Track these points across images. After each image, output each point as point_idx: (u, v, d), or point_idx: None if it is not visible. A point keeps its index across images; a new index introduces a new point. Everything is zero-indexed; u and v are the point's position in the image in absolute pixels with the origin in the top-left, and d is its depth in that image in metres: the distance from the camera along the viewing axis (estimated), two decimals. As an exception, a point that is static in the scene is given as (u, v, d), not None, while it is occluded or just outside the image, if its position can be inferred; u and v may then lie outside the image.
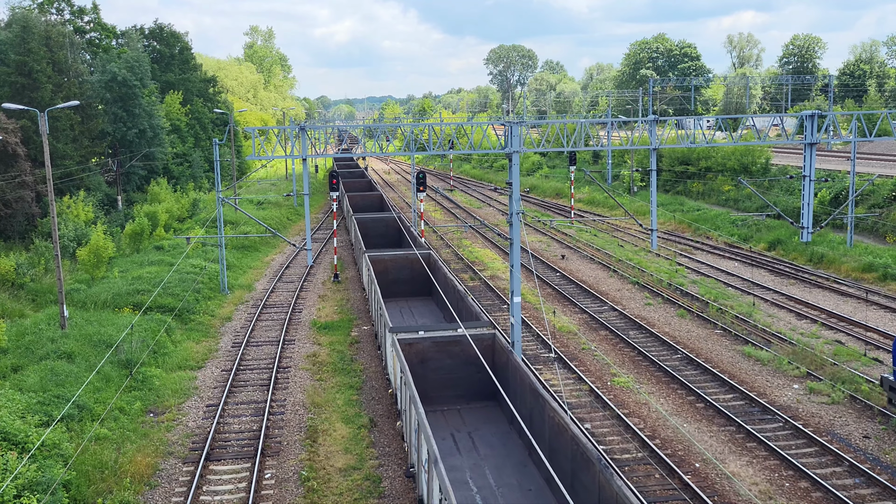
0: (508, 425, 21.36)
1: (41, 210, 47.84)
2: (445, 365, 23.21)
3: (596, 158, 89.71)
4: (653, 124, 40.00)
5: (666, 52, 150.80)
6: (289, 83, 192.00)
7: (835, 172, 55.85)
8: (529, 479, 18.23)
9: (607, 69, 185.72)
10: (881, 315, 33.86)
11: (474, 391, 23.06)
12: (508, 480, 18.22)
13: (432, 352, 23.24)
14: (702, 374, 27.62)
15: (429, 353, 23.22)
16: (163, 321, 32.80)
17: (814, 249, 44.52)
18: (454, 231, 60.94)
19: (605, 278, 43.19)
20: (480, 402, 22.92)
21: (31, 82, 52.47)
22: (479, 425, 21.58)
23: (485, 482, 18.18)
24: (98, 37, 71.76)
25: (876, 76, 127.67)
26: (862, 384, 25.57)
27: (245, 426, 24.21)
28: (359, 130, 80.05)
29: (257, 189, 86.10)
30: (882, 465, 20.63)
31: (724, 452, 21.69)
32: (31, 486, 17.80)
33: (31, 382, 24.03)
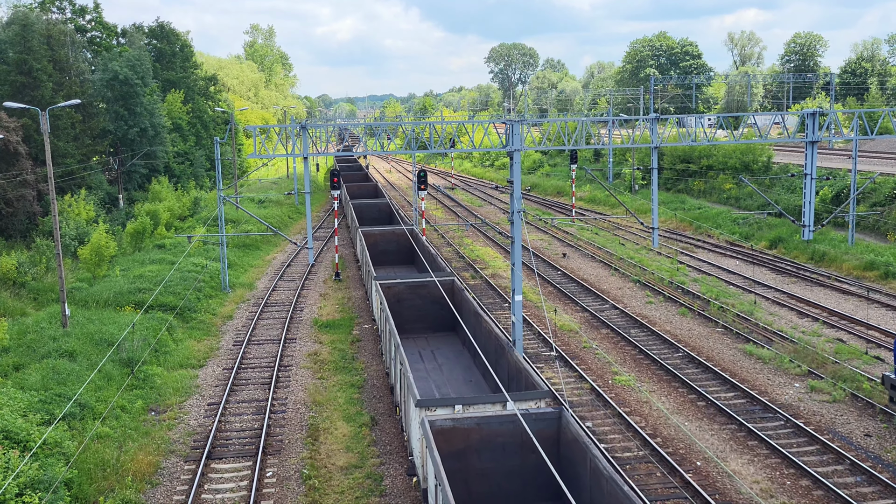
0: (462, 346, 26.93)
1: (42, 209, 47.87)
2: (416, 304, 29.24)
3: (597, 157, 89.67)
4: (654, 122, 39.97)
5: (667, 50, 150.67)
6: (290, 82, 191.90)
7: (836, 170, 55.80)
8: (471, 374, 24.24)
9: (608, 67, 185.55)
10: (883, 313, 33.84)
11: (438, 323, 29.01)
12: (457, 377, 24.06)
13: (406, 293, 29.33)
14: (703, 372, 27.62)
15: (404, 294, 29.34)
16: (164, 320, 32.83)
17: (815, 248, 44.49)
18: (455, 229, 60.94)
19: (607, 277, 43.18)
20: (442, 332, 28.69)
21: (32, 81, 52.51)
22: (440, 346, 27.21)
23: (440, 379, 24.12)
24: (99, 35, 71.74)
25: (878, 74, 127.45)
26: (863, 382, 25.56)
27: (246, 425, 24.23)
28: (360, 129, 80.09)
29: (258, 188, 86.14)
30: (883, 464, 20.63)
31: (726, 451, 21.69)
32: (33, 484, 17.83)
33: (32, 381, 24.06)
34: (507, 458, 16.89)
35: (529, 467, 16.86)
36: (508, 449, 16.91)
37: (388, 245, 42.57)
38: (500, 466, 16.92)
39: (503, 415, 17.11)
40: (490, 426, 16.90)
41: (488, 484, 16.91)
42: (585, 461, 15.63)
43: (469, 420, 16.99)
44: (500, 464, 16.90)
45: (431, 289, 29.74)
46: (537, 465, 16.51)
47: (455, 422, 16.95)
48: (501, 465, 16.91)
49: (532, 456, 16.50)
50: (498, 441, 16.89)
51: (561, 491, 16.26)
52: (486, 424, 16.92)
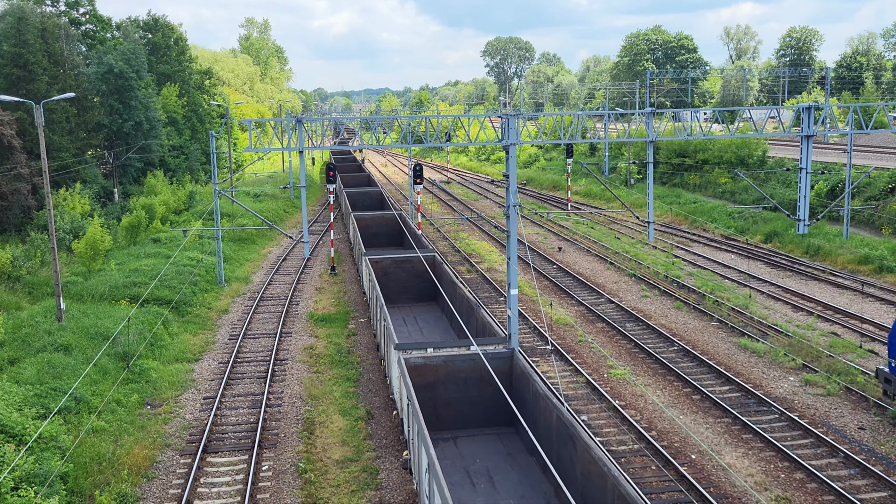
0: (441, 312, 29.99)
1: (37, 202, 47.74)
2: (401, 276, 32.91)
3: (593, 151, 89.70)
4: (650, 116, 40.01)
5: (663, 44, 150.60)
6: (285, 75, 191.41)
7: (831, 165, 55.91)
8: (448, 335, 27.38)
9: (604, 61, 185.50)
10: (877, 307, 33.96)
11: (421, 294, 32.89)
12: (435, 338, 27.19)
13: (392, 267, 32.88)
14: (698, 365, 27.70)
15: (390, 267, 32.81)
16: (160, 314, 32.79)
17: (810, 242, 44.61)
18: (451, 224, 60.94)
19: (602, 270, 43.25)
20: (424, 301, 32.76)
21: (26, 74, 52.28)
22: (422, 313, 30.85)
23: (420, 339, 27.04)
24: (94, 28, 71.45)
25: (873, 68, 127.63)
26: (857, 376, 25.66)
27: (242, 418, 24.24)
28: (356, 123, 79.93)
29: (254, 182, 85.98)
30: (877, 456, 20.73)
31: (720, 444, 21.77)
32: (29, 478, 17.83)
33: (28, 375, 24.03)
34: (469, 389, 20.64)
35: (487, 397, 20.46)
36: (469, 382, 20.58)
37: (378, 228, 45.74)
38: (462, 396, 20.66)
39: (466, 354, 20.72)
40: (455, 363, 20.60)
41: (452, 411, 20.65)
42: (530, 389, 19.19)
43: (437, 358, 20.59)
44: (462, 394, 20.66)
45: (415, 263, 33.00)
46: (493, 394, 20.09)
47: (426, 359, 20.54)
48: (464, 395, 20.66)
49: (489, 388, 20.25)
50: (461, 375, 20.60)
51: (513, 415, 20.01)
52: (452, 362, 20.61)
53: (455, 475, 18.25)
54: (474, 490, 17.49)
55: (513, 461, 18.89)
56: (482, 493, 17.30)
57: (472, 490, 17.47)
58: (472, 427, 20.68)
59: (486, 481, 17.94)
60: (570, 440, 16.39)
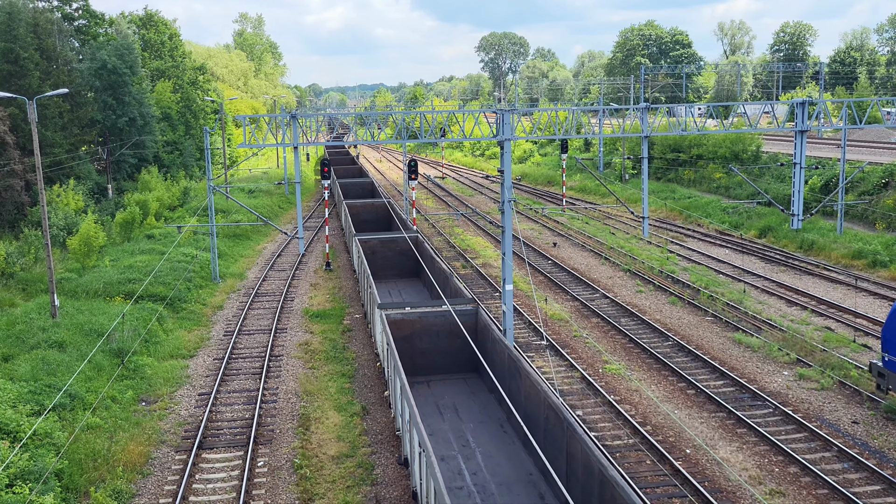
0: (423, 286, 34.78)
1: (31, 199, 47.58)
2: (388, 255, 37.20)
3: (587, 146, 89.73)
4: (644, 112, 40.01)
5: (657, 39, 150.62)
6: (279, 71, 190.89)
7: (825, 160, 56.02)
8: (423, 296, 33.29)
9: (599, 56, 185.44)
10: (870, 301, 34.08)
11: (405, 271, 37.30)
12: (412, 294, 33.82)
13: (379, 246, 37.26)
14: (693, 360, 27.77)
15: (377, 247, 37.28)
16: (154, 310, 32.74)
17: (804, 236, 44.72)
18: (446, 219, 60.93)
19: (597, 266, 43.30)
20: (408, 277, 36.99)
21: (18, 70, 52.04)
22: (406, 287, 34.71)
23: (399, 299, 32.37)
24: (87, 24, 71.15)
25: (866, 64, 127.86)
26: (851, 370, 25.76)
27: (237, 414, 24.24)
28: (350, 118, 79.89)
29: (248, 177, 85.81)
30: (870, 450, 20.82)
31: (715, 438, 21.84)
32: (24, 474, 17.81)
33: (22, 372, 23.98)
34: (440, 340, 24.43)
35: (455, 347, 24.04)
36: (441, 334, 24.44)
37: (368, 215, 49.35)
38: (434, 346, 24.41)
39: (438, 311, 24.59)
40: (428, 318, 24.48)
41: (426, 359, 24.38)
42: (489, 337, 23.11)
43: (414, 314, 24.58)
44: (434, 344, 24.40)
45: (400, 242, 37.21)
46: (461, 345, 23.56)
47: (404, 315, 24.51)
48: (436, 346, 24.41)
49: (457, 339, 23.78)
50: (434, 329, 24.44)
51: (477, 362, 23.47)
52: (426, 317, 24.52)
53: (426, 408, 21.90)
54: (442, 419, 21.28)
55: (475, 397, 22.76)
56: (448, 420, 21.11)
57: (440, 418, 21.28)
58: (442, 373, 24.34)
59: (452, 412, 21.71)
60: (517, 372, 20.18)
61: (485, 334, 23.71)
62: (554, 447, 17.15)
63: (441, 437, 19.99)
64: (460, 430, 20.36)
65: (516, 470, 18.20)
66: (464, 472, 18.27)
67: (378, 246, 37.11)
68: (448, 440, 19.85)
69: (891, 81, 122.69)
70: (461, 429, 20.41)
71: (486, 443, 19.65)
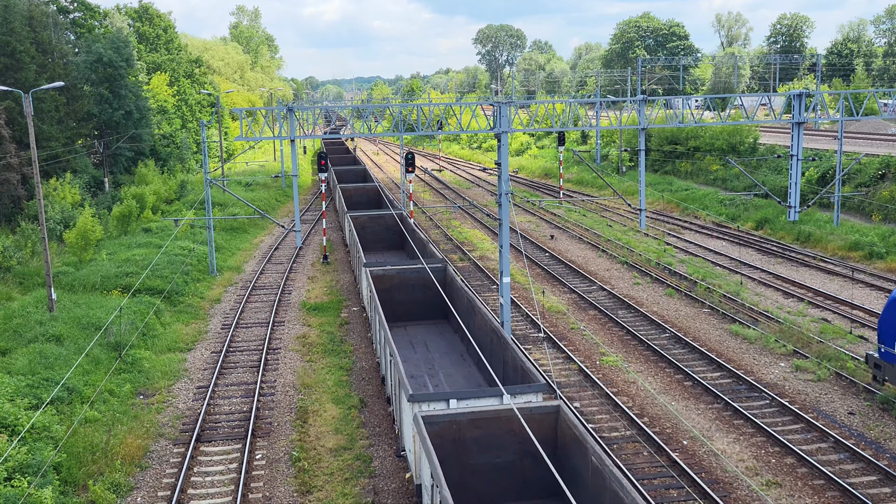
0: (407, 257, 36.77)
1: (27, 193, 47.47)
2: (376, 230, 41.19)
3: (584, 138, 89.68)
4: (641, 104, 39.97)
5: (654, 31, 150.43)
6: (276, 64, 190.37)
7: (822, 151, 56.07)
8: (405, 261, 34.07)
9: (596, 48, 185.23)
10: (867, 293, 34.16)
11: (391, 243, 41.41)
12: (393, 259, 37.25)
13: (369, 222, 41.34)
14: (690, 352, 27.83)
15: (367, 223, 41.27)
16: (152, 303, 32.73)
17: (801, 228, 44.78)
18: (443, 212, 60.91)
19: (594, 258, 43.34)
20: (394, 249, 41.09)
21: (14, 63, 51.84)
22: (392, 258, 37.81)
23: None
24: (82, 17, 70.89)
25: (863, 55, 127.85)
26: (847, 361, 25.84)
27: (235, 407, 24.27)
28: (347, 111, 79.70)
29: (245, 171, 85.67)
30: (866, 441, 20.90)
31: (712, 430, 21.91)
32: (22, 468, 17.83)
33: (19, 365, 23.98)
34: (415, 292, 28.71)
35: (428, 298, 28.46)
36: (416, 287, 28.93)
37: (360, 198, 53.40)
38: (410, 297, 28.70)
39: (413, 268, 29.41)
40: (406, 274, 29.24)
41: (404, 308, 28.53)
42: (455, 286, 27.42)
43: (393, 271, 29.20)
44: (411, 296, 28.71)
45: (387, 219, 41.66)
46: (432, 296, 28.37)
47: (385, 271, 29.01)
48: (412, 297, 28.71)
49: (429, 291, 28.36)
50: (410, 283, 28.85)
51: (446, 309, 27.88)
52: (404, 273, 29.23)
53: (402, 344, 26.00)
54: (414, 351, 25.42)
55: (442, 337, 26.72)
56: (419, 352, 25.24)
57: (412, 350, 25.49)
58: (417, 319, 28.60)
59: (423, 347, 25.88)
60: (473, 311, 24.15)
61: (453, 286, 27.76)
62: (496, 360, 21.07)
63: (412, 364, 23.91)
64: (429, 359, 24.35)
65: (468, 382, 22.39)
66: (428, 385, 22.33)
67: (367, 222, 41.51)
68: (418, 365, 23.88)
69: (888, 73, 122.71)
70: (430, 358, 24.44)
71: (448, 366, 23.75)
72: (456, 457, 16.11)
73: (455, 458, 16.11)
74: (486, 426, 16.12)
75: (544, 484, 16.29)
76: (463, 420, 16.12)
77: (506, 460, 16.28)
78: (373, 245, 40.42)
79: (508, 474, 16.37)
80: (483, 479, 16.30)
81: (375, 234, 41.10)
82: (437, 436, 15.90)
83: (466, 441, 16.16)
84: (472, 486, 16.31)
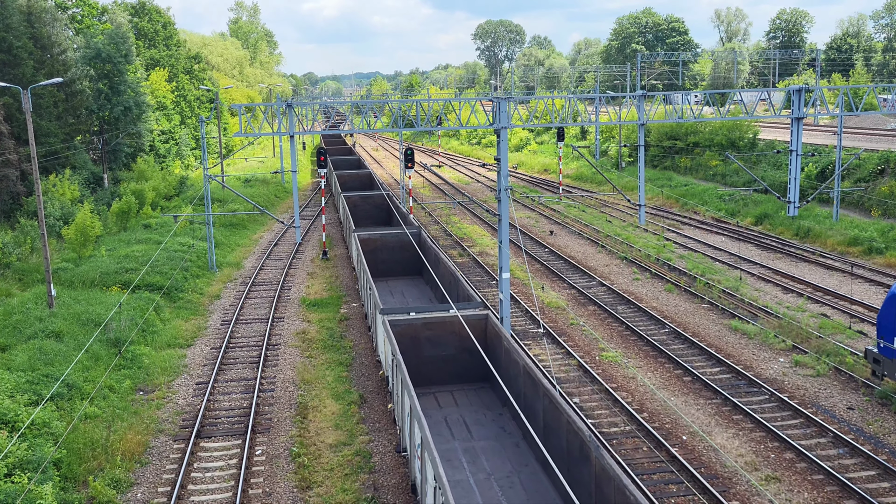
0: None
1: (26, 189, 47.43)
2: (367, 208, 47.39)
3: (584, 134, 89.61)
4: (641, 99, 39.97)
5: (654, 26, 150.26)
6: (275, 59, 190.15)
7: (821, 147, 56.06)
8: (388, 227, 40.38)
9: (595, 44, 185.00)
10: (866, 288, 34.18)
11: (381, 220, 47.24)
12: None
13: (360, 202, 47.36)
14: (689, 347, 27.86)
15: (359, 202, 47.28)
16: (151, 299, 32.73)
17: (800, 224, 44.79)
18: (443, 207, 60.90)
19: (594, 254, 43.35)
20: (384, 226, 44.58)
21: (12, 59, 51.75)
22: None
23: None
24: (80, 12, 70.77)
25: (863, 50, 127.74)
26: (846, 356, 25.87)
27: (235, 403, 24.28)
28: (346, 107, 79.64)
29: (244, 166, 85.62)
30: (865, 436, 20.94)
31: (711, 425, 21.94)
32: (22, 464, 17.84)
33: (19, 362, 23.98)
34: (395, 252, 35.02)
35: (406, 256, 34.73)
36: (395, 248, 35.13)
37: (354, 183, 59.15)
38: (391, 256, 35.00)
39: (393, 232, 35.84)
40: (387, 238, 35.37)
41: (386, 265, 35.04)
42: (428, 245, 30.28)
43: (377, 234, 35.44)
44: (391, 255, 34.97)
45: (377, 198, 47.95)
46: (409, 256, 34.40)
47: (370, 235, 35.27)
48: (392, 256, 34.99)
49: (407, 252, 34.88)
50: (391, 244, 35.16)
51: (421, 266, 31.55)
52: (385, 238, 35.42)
53: (383, 292, 30.40)
54: (391, 297, 28.55)
55: (416, 287, 31.26)
56: (396, 298, 27.95)
57: (391, 297, 28.59)
58: (396, 275, 34.83)
59: (399, 295, 29.77)
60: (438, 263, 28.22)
61: (426, 244, 31.55)
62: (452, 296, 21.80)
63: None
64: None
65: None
66: None
67: (359, 201, 47.74)
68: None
69: (887, 68, 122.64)
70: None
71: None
72: (413, 350, 22.02)
73: (413, 351, 21.99)
74: (435, 328, 22.15)
75: (477, 372, 22.23)
76: (418, 324, 22.11)
77: (449, 353, 22.31)
78: (364, 221, 46.95)
79: (451, 364, 22.41)
80: (432, 367, 22.32)
81: (366, 211, 47.61)
82: (400, 335, 21.65)
83: (421, 339, 22.11)
84: (423, 372, 22.16)
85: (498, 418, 20.04)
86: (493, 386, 21.62)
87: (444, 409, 20.86)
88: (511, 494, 16.23)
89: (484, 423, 19.78)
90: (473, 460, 17.88)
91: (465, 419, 20.08)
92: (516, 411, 18.48)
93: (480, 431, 19.31)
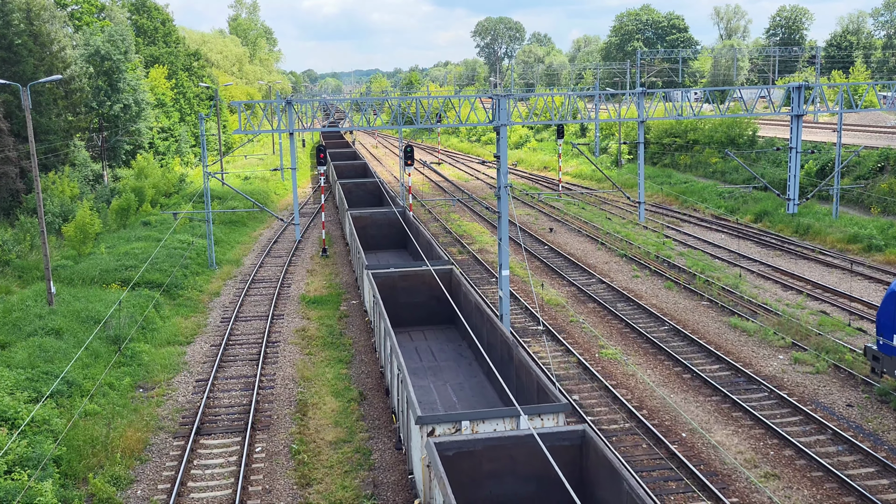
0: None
1: (26, 186, 47.42)
2: (361, 194, 51.56)
3: (583, 131, 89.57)
4: (640, 97, 39.93)
5: (653, 23, 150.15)
6: (274, 56, 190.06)
7: (821, 144, 56.04)
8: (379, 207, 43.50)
9: (595, 41, 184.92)
10: (865, 285, 34.20)
11: (372, 204, 49.78)
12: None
13: (354, 188, 51.93)
14: (688, 345, 27.88)
15: (352, 189, 51.65)
16: (151, 297, 32.73)
17: (800, 221, 44.79)
18: (442, 205, 60.89)
19: (593, 251, 43.35)
20: (378, 207, 45.66)
21: (11, 56, 51.70)
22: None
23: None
24: (80, 9, 70.70)
25: (863, 48, 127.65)
26: (846, 354, 25.89)
27: (235, 401, 24.30)
28: (346, 104, 79.66)
29: (244, 164, 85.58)
30: (865, 433, 20.96)
31: (710, 422, 21.96)
32: (22, 461, 17.86)
33: (19, 359, 23.99)
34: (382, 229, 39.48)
35: (393, 232, 39.34)
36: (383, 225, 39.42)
37: (349, 172, 61.30)
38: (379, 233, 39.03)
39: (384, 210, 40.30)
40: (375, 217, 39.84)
41: (375, 241, 38.72)
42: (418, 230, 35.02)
43: (367, 213, 39.70)
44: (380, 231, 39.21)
45: (370, 186, 52.77)
46: (395, 232, 39.71)
47: (361, 213, 39.08)
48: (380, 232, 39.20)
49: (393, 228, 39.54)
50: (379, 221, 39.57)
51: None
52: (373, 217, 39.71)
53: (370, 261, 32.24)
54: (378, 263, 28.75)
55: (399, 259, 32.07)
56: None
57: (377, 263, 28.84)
58: (385, 248, 38.54)
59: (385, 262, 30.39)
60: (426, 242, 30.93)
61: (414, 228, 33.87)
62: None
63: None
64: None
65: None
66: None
67: (353, 188, 51.81)
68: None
69: (887, 65, 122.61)
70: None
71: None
72: (392, 298, 23.22)
73: (391, 299, 23.13)
74: (410, 279, 22.87)
75: (443, 315, 23.15)
76: (396, 276, 23.34)
77: (421, 300, 23.46)
78: (357, 205, 49.12)
79: (422, 309, 23.50)
80: (408, 311, 23.23)
81: (361, 196, 52.00)
82: (381, 285, 22.67)
83: (398, 288, 23.13)
84: (401, 315, 22.68)
85: (458, 348, 24.41)
86: (457, 326, 25.59)
87: (415, 342, 25.13)
88: (461, 394, 21.00)
89: (446, 351, 24.31)
90: (435, 374, 22.48)
91: (432, 349, 24.53)
92: (474, 343, 22.74)
93: (442, 356, 23.97)
